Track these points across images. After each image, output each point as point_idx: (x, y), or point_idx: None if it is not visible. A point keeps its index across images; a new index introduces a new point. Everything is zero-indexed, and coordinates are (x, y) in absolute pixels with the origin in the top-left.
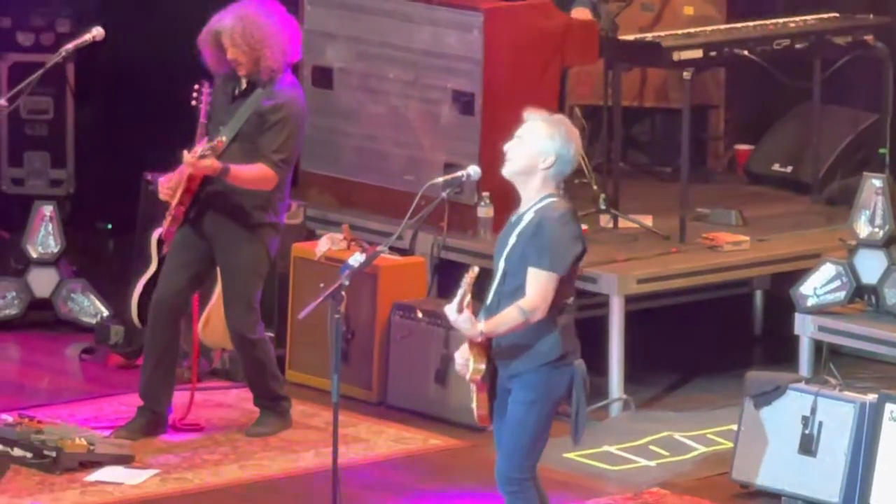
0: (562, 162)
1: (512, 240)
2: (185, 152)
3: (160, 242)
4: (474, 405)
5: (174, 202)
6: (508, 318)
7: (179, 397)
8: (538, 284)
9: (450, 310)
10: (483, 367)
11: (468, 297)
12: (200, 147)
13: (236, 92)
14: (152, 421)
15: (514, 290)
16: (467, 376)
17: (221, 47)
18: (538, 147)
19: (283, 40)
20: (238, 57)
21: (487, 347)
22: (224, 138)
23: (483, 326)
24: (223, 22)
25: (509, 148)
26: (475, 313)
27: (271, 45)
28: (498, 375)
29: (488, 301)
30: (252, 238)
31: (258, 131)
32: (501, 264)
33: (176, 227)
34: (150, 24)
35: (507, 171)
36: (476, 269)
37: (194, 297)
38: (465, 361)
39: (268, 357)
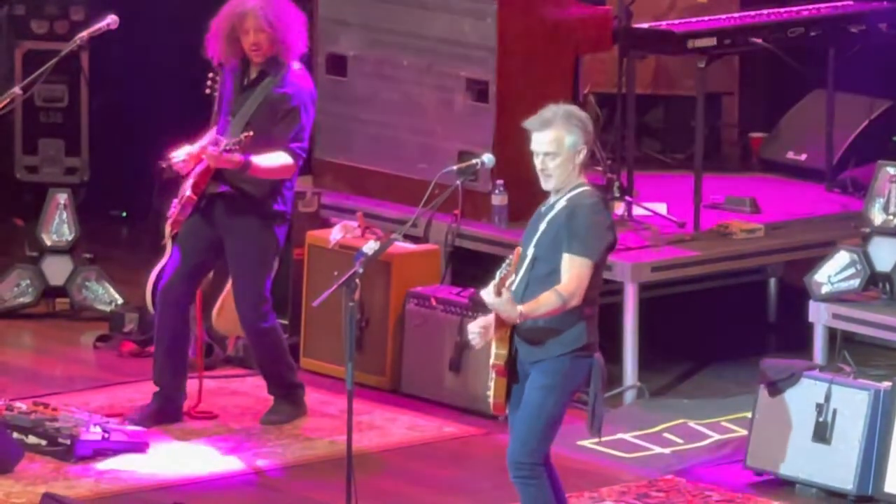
0: (588, 144)
1: (542, 226)
2: (209, 146)
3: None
4: (490, 392)
5: (186, 192)
6: (547, 301)
7: (192, 385)
8: (573, 270)
9: (487, 293)
10: (505, 352)
11: (511, 277)
12: (224, 142)
13: (245, 82)
14: (166, 407)
15: (544, 275)
16: (491, 360)
17: (241, 32)
18: (570, 147)
19: (301, 28)
20: (260, 41)
21: (510, 334)
22: (251, 132)
23: (523, 308)
24: (247, 4)
25: (545, 166)
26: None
27: (294, 31)
28: (519, 361)
29: (514, 286)
30: (261, 227)
31: (270, 121)
32: (531, 250)
33: (185, 216)
34: (164, 12)
35: (553, 186)
36: (520, 249)
37: (198, 290)
38: (479, 331)
39: (280, 345)
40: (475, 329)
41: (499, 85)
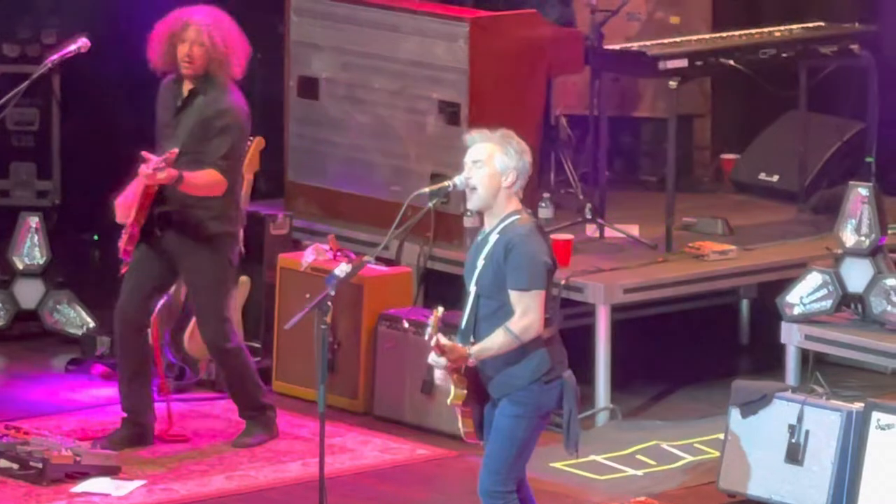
0: (521, 176)
1: (480, 262)
2: (142, 167)
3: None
4: (461, 425)
5: (129, 220)
6: (497, 340)
7: (164, 409)
8: (523, 305)
9: (434, 360)
10: (464, 391)
11: (435, 337)
12: (154, 161)
13: (178, 103)
14: (136, 432)
15: (491, 312)
16: (448, 401)
17: (179, 40)
18: (498, 167)
19: (242, 53)
20: (195, 54)
21: (468, 371)
22: (176, 149)
23: (473, 350)
24: (193, 17)
25: (470, 176)
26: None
27: (233, 54)
28: (487, 395)
29: (463, 324)
30: (212, 250)
31: (204, 139)
32: (473, 287)
33: (133, 246)
34: (135, 35)
35: (476, 203)
36: (440, 310)
37: (154, 312)
38: (445, 377)
39: (247, 364)
40: (440, 377)
41: (471, 107)
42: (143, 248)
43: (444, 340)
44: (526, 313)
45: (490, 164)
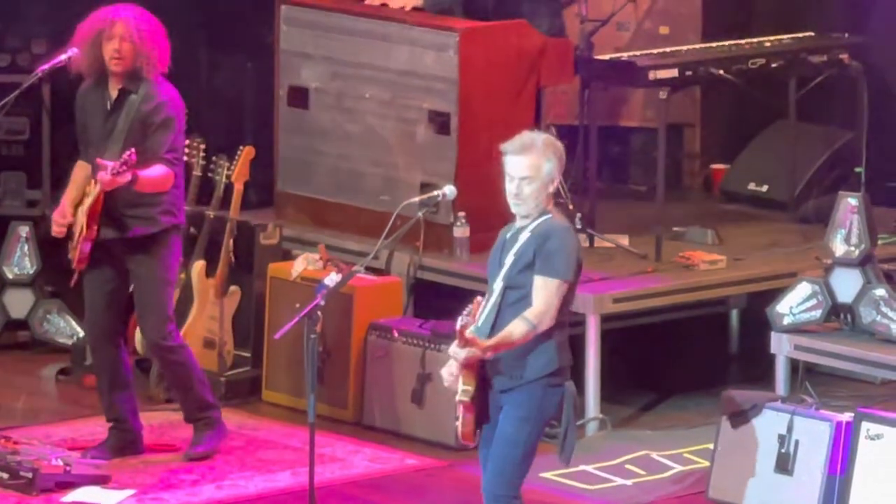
0: (559, 176)
1: (509, 259)
2: (100, 174)
3: None
4: (459, 423)
5: (82, 231)
6: (515, 330)
7: (154, 417)
8: (546, 292)
9: (454, 351)
10: (472, 388)
11: (471, 328)
12: (113, 165)
13: (108, 106)
14: (124, 439)
15: (516, 300)
16: (457, 397)
17: (106, 38)
18: (545, 177)
19: (166, 47)
20: (124, 50)
21: (477, 368)
22: (133, 150)
23: (490, 343)
24: (119, 14)
25: (520, 191)
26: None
27: (159, 49)
28: (491, 392)
29: (480, 321)
30: (160, 245)
31: (145, 136)
32: (499, 284)
33: (89, 252)
34: None
35: (523, 212)
36: (480, 299)
37: (129, 314)
38: (450, 377)
39: (188, 361)
40: (446, 374)
41: (461, 117)
42: (94, 254)
43: (471, 331)
44: (544, 301)
45: (539, 175)
